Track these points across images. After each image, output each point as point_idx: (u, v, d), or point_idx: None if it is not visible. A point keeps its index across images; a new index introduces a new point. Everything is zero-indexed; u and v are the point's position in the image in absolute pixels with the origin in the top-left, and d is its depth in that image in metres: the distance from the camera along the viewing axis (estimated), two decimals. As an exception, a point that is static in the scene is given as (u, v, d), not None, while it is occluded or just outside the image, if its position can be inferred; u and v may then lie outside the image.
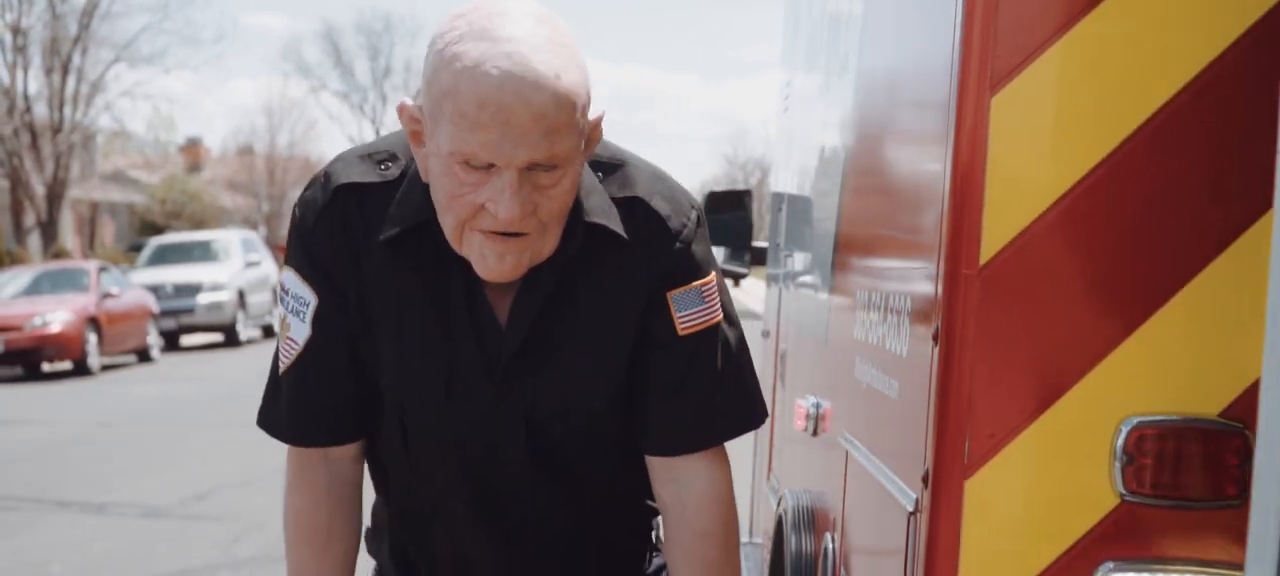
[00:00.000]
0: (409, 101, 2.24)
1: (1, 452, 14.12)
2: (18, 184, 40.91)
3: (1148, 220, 2.34)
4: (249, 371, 22.64)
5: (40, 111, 42.10)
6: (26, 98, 41.32)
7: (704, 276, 2.43)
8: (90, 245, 49.27)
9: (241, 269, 28.86)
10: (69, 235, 47.27)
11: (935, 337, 2.46)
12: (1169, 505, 2.36)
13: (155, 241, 32.39)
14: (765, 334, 6.48)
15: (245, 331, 28.58)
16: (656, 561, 2.74)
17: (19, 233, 41.53)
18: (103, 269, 24.97)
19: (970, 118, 2.40)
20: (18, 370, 22.76)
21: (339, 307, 2.38)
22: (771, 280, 6.42)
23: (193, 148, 69.84)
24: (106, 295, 23.64)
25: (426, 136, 2.22)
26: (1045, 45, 2.35)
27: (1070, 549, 2.39)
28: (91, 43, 43.61)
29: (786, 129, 6.23)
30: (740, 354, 2.50)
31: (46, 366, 22.95)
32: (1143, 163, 2.32)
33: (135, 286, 25.84)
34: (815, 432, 4.11)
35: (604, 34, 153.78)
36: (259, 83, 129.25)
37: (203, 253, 29.47)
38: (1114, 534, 2.38)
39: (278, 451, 2.48)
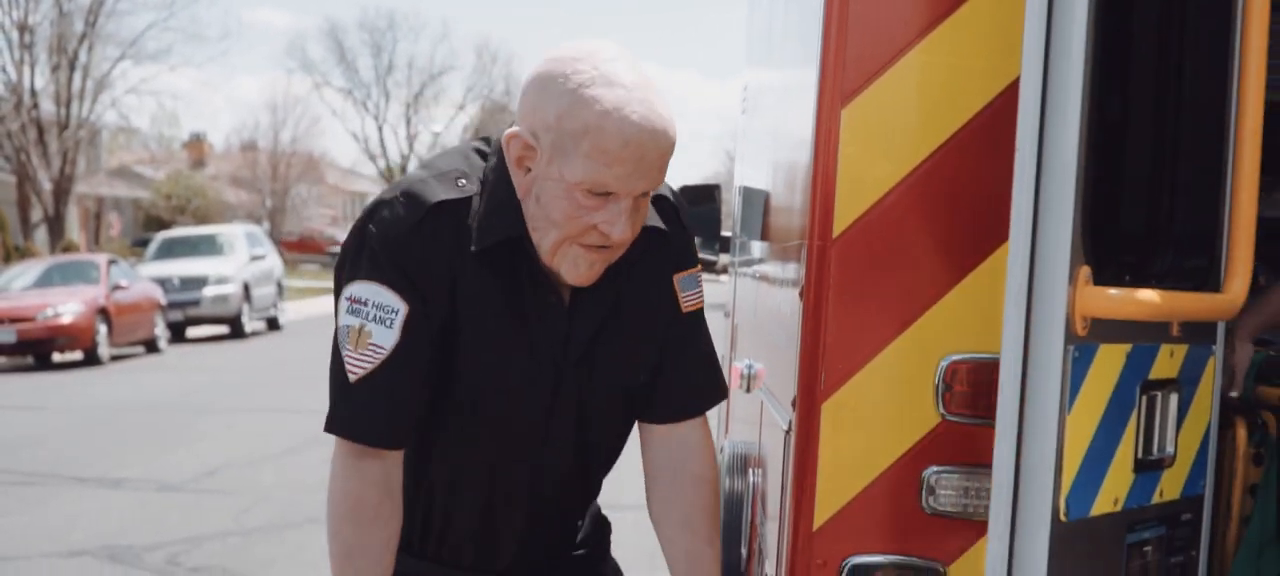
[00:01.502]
0: (521, 132, 2.55)
1: (20, 434, 14.84)
2: (25, 179, 41.56)
3: (958, 206, 3.08)
4: (254, 361, 23.40)
5: (47, 108, 42.72)
6: (34, 94, 41.92)
7: (696, 260, 2.93)
8: (96, 240, 49.97)
9: (246, 262, 29.53)
10: (75, 230, 48.00)
11: (801, 295, 3.20)
12: (976, 422, 3.10)
13: (162, 235, 33.08)
14: (726, 315, 7.21)
15: (250, 323, 29.25)
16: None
17: (26, 227, 42.21)
18: (112, 262, 25.68)
19: (826, 124, 3.14)
20: (29, 360, 23.52)
21: (425, 314, 2.59)
22: (731, 266, 7.14)
23: (197, 144, 70.55)
24: (116, 287, 24.31)
25: (541, 164, 2.54)
26: (882, 70, 3.09)
27: (903, 455, 3.14)
28: (97, 40, 44.26)
29: (743, 128, 6.95)
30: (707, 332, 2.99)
31: (57, 356, 23.64)
32: (954, 163, 3.07)
33: (143, 279, 26.54)
34: (748, 390, 4.83)
35: (604, 31, 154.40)
36: (263, 79, 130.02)
37: (208, 246, 30.16)
38: (936, 444, 3.12)
39: (285, 433, 3.08)
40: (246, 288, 29.02)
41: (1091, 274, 2.80)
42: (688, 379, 2.85)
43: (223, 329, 29.37)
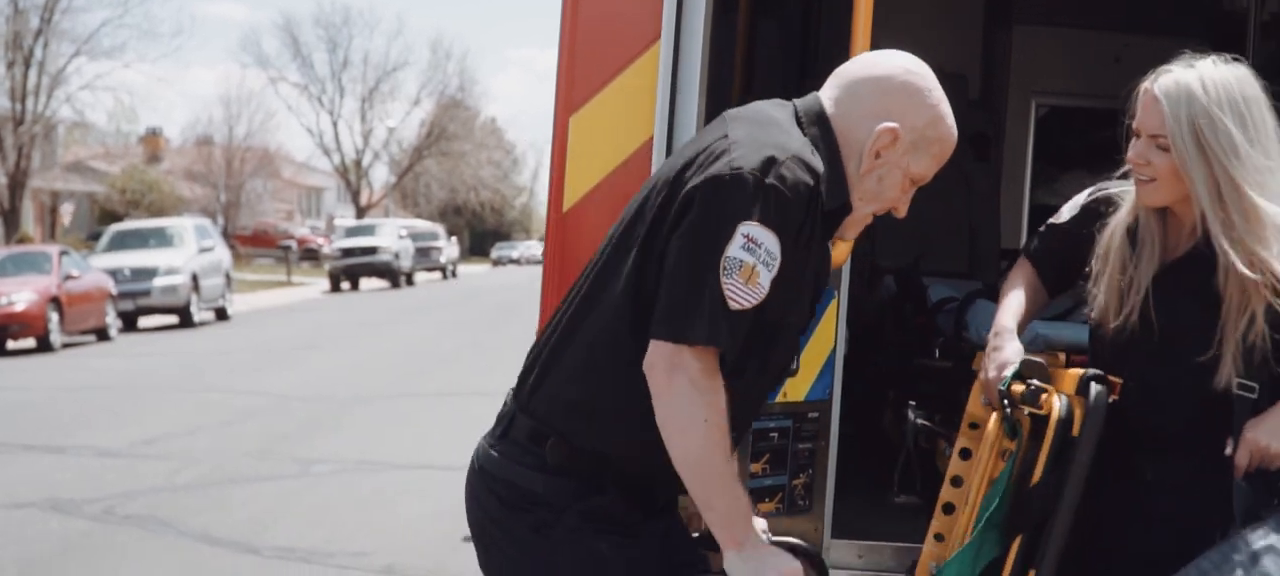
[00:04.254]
0: (897, 127, 3.08)
1: (-26, 411, 15.94)
2: (-20, 173, 42.29)
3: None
4: (201, 348, 24.42)
5: (2, 103, 43.44)
6: (-11, 90, 42.67)
7: None
8: (51, 234, 50.73)
9: (195, 254, 30.42)
10: (31, 223, 48.79)
11: (542, 256, 4.36)
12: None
13: (114, 228, 34.01)
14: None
15: (199, 313, 30.15)
16: None
17: (-19, 221, 42.98)
18: (64, 252, 26.64)
19: (561, 128, 4.29)
20: (-16, 346, 24.51)
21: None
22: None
23: (153, 138, 71.05)
24: (67, 277, 25.20)
25: (894, 154, 3.10)
26: (596, 91, 4.25)
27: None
28: (53, 36, 45.00)
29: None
30: None
31: (11, 344, 24.53)
32: (638, 167, 4.21)
33: (94, 270, 27.48)
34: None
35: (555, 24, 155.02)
36: (218, 73, 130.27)
37: (159, 238, 31.06)
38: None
39: (223, 410, 4.14)
40: (195, 278, 29.88)
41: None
42: None
43: (172, 319, 30.24)
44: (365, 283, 46.65)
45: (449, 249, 58.02)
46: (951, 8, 8.81)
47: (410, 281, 49.17)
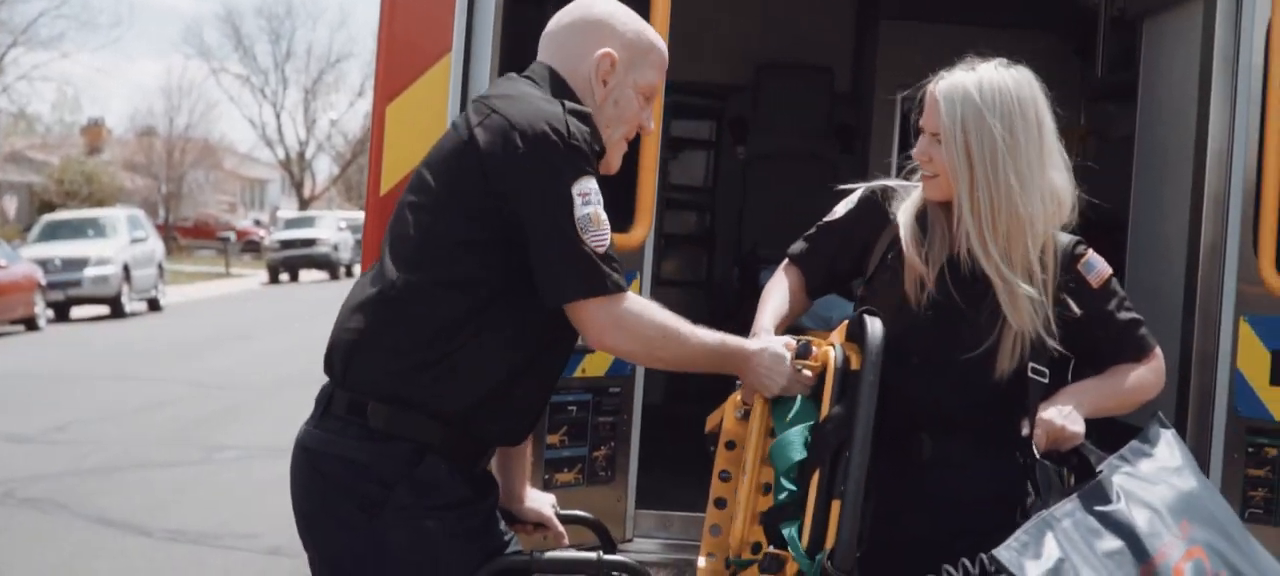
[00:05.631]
0: (609, 50, 3.46)
1: (-109, 399, 16.02)
2: (-83, 164, 42.14)
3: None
4: (130, 337, 24.48)
5: (-62, 95, 43.34)
6: (-75, 80, 42.53)
7: None
8: (-8, 225, 50.48)
9: (127, 244, 30.39)
10: (-32, 215, 48.57)
11: (359, 240, 4.59)
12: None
13: (46, 218, 33.93)
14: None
15: (130, 304, 30.14)
16: None
17: (-82, 211, 42.80)
18: (-9, 242, 26.60)
19: (378, 115, 4.53)
20: (-89, 335, 24.50)
21: None
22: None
23: (94, 129, 70.56)
24: (-5, 266, 25.24)
25: (618, 75, 3.47)
26: (408, 84, 4.49)
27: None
28: (-11, 27, 44.93)
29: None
30: None
31: (-62, 333, 24.63)
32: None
33: (24, 259, 27.45)
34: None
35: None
36: (161, 64, 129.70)
37: (92, 229, 31.02)
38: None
39: (139, 397, 4.32)
40: (127, 269, 29.85)
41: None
42: None
43: (104, 309, 30.22)
44: (305, 274, 46.59)
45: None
46: (820, 2, 9.08)
47: (350, 272, 49.06)
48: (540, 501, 3.74)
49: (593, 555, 3.50)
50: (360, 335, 3.34)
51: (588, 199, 3.23)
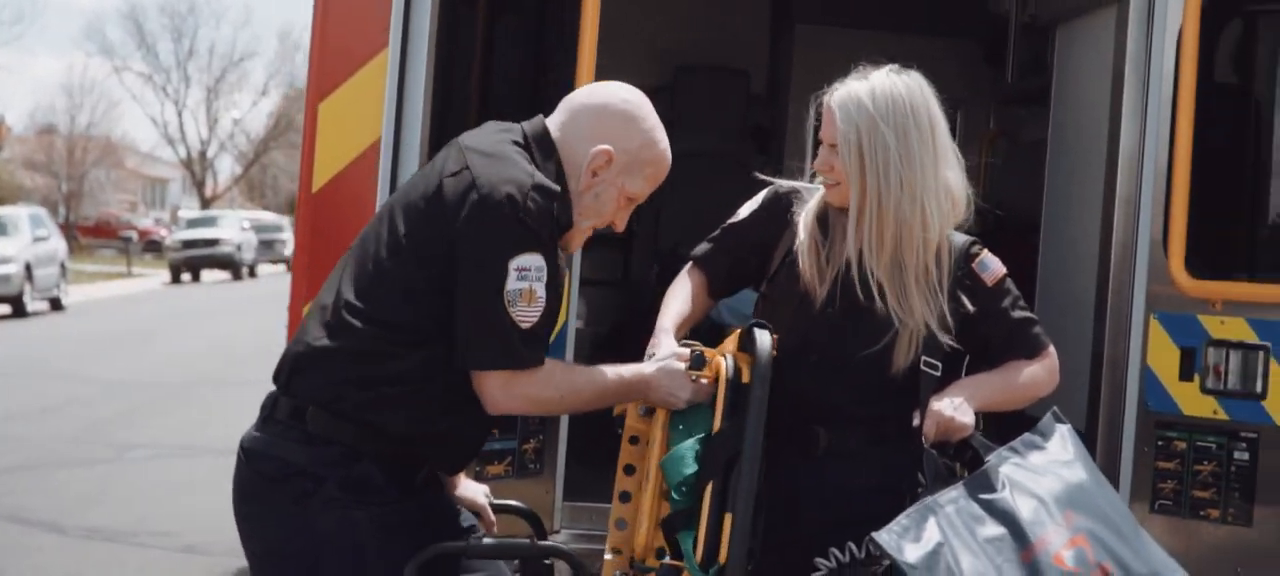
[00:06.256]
0: (609, 148, 3.54)
1: None
2: None
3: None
4: (32, 336, 24.20)
5: None
6: None
7: None
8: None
9: (29, 243, 29.96)
10: None
11: (293, 230, 4.64)
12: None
13: (-55, 217, 33.36)
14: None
15: (32, 303, 29.75)
16: None
17: None
18: (-117, 241, 26.12)
19: (311, 111, 4.58)
20: None
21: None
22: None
23: (-7, 127, 69.69)
24: (-114, 266, 24.81)
25: (609, 173, 3.55)
26: (342, 81, 4.55)
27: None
28: (-115, 22, 44.19)
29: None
30: None
31: None
32: (370, 164, 4.51)
33: (-79, 259, 27.04)
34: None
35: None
36: (62, 61, 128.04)
37: (-8, 228, 30.60)
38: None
39: (45, 397, 4.17)
40: (29, 268, 29.45)
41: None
42: None
43: (5, 309, 29.82)
44: (207, 274, 46.18)
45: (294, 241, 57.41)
46: (737, 6, 9.19)
47: (253, 273, 48.79)
48: (474, 490, 3.82)
49: (526, 541, 3.59)
50: (307, 348, 3.45)
51: (524, 274, 3.31)
